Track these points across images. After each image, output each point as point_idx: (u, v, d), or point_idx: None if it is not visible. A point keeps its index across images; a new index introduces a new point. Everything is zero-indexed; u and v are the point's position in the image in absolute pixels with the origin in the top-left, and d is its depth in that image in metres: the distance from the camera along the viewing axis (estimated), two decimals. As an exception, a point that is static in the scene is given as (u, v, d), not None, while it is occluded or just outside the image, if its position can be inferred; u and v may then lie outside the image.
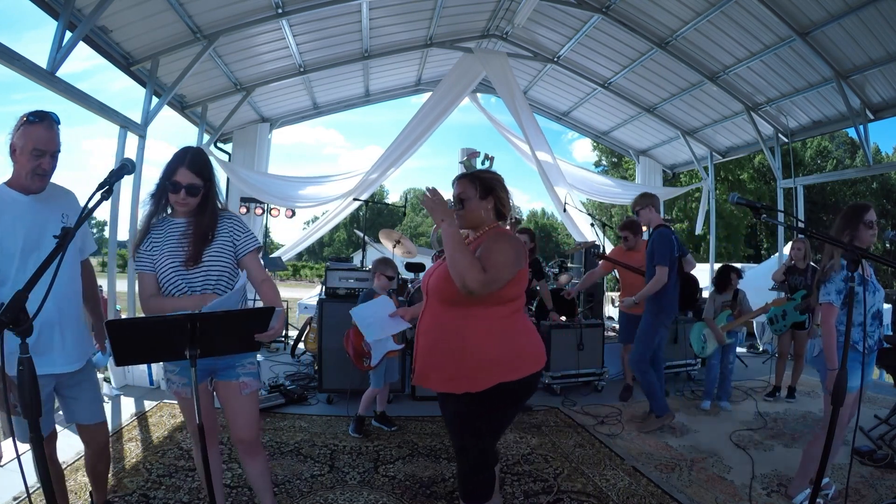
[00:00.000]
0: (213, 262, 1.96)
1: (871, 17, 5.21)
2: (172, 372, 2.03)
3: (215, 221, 2.00)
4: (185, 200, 1.93)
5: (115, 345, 1.48)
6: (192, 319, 1.51)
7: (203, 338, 1.54)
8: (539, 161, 7.50)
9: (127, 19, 4.93)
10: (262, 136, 8.63)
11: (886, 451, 3.36)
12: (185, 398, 2.01)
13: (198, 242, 1.93)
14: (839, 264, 2.52)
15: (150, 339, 1.57)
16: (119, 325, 1.54)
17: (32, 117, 1.82)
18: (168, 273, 1.92)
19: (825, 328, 2.53)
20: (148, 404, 4.13)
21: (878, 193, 28.13)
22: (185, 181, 1.92)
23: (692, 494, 2.84)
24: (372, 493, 2.77)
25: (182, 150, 1.99)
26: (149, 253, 1.95)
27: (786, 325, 4.74)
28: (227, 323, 1.67)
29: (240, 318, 1.75)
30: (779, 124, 7.75)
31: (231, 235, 2.03)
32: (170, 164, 1.94)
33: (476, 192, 2.00)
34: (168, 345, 1.58)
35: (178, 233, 1.97)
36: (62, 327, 1.90)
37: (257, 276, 2.05)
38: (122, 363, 1.56)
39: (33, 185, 1.85)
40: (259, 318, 1.71)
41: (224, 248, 2.00)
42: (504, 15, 7.35)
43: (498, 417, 1.95)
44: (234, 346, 1.83)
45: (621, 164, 26.11)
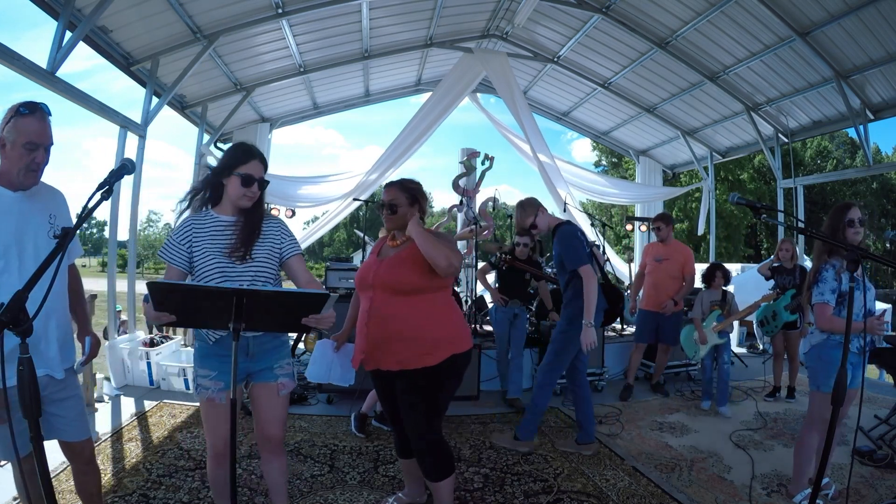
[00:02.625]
0: (260, 260, 1.92)
1: (871, 17, 5.21)
2: (206, 377, 1.95)
3: (262, 220, 1.98)
4: (255, 193, 1.92)
5: (151, 297, 1.48)
6: (240, 295, 1.48)
7: (249, 314, 1.51)
8: (540, 161, 7.50)
9: (127, 19, 4.93)
10: (262, 136, 8.63)
11: (886, 451, 3.36)
12: (216, 405, 1.93)
13: (248, 239, 1.90)
14: (830, 264, 2.52)
15: (192, 303, 1.56)
16: (159, 288, 1.51)
17: (23, 109, 1.72)
18: (210, 268, 1.86)
19: (824, 325, 2.50)
20: (148, 404, 4.13)
21: (878, 193, 28.18)
22: (258, 174, 1.91)
23: (692, 494, 2.84)
24: (372, 493, 2.77)
25: (246, 145, 1.98)
26: (183, 247, 1.89)
27: (777, 326, 4.74)
28: (275, 303, 1.62)
29: (290, 300, 1.68)
30: (779, 124, 7.75)
31: (279, 237, 2.00)
32: (237, 157, 1.91)
33: (406, 200, 2.29)
34: (211, 312, 1.56)
35: (225, 228, 1.92)
36: (47, 331, 1.81)
37: (304, 277, 2.03)
38: (160, 309, 1.55)
39: (26, 181, 1.75)
40: (311, 302, 1.63)
41: (272, 248, 1.97)
42: (504, 15, 7.36)
43: (451, 389, 2.27)
44: (278, 326, 1.78)
45: (621, 164, 26.13)
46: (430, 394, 2.18)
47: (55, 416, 1.87)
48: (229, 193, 1.92)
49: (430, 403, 2.19)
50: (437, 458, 2.21)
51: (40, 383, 1.75)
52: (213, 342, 1.94)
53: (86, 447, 1.99)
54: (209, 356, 1.97)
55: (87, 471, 2.01)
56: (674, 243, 5.06)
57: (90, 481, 2.03)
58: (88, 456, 2.01)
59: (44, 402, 1.75)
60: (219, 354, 1.94)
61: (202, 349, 1.99)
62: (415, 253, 2.16)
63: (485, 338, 5.41)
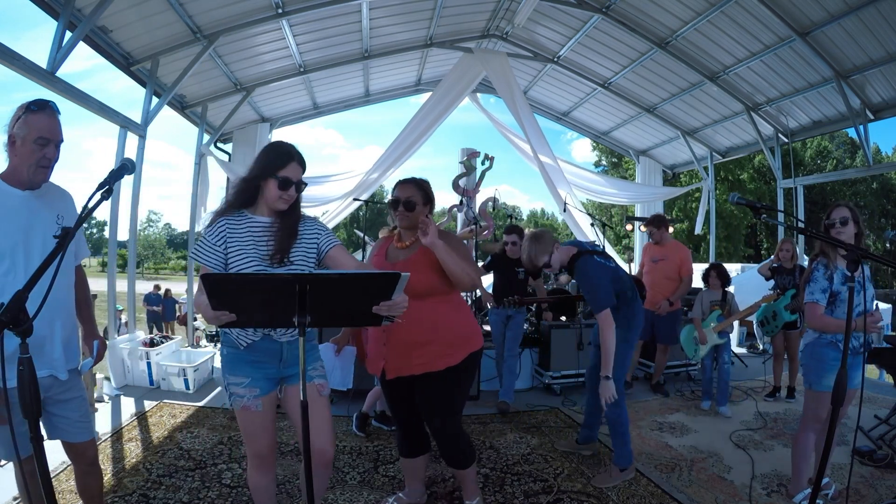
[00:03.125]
0: (297, 263, 1.84)
1: (871, 17, 5.21)
2: (240, 385, 1.85)
3: (299, 222, 1.91)
4: (292, 197, 1.85)
5: (209, 293, 1.36)
6: (302, 281, 1.33)
7: (315, 305, 1.37)
8: (540, 161, 7.50)
9: (127, 19, 4.93)
10: (262, 136, 8.63)
11: (886, 451, 3.36)
12: (253, 413, 1.85)
13: (286, 240, 1.83)
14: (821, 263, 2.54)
15: (250, 297, 1.40)
16: (214, 280, 1.37)
17: (34, 106, 1.74)
18: (246, 271, 1.79)
19: (815, 324, 2.54)
20: (148, 404, 4.13)
21: (878, 193, 28.17)
22: (296, 177, 1.84)
23: (692, 494, 2.84)
24: (372, 493, 2.77)
25: (284, 146, 1.88)
26: (219, 247, 1.80)
27: (777, 326, 4.74)
28: (343, 288, 1.44)
29: (359, 283, 1.48)
30: (779, 124, 7.76)
31: (316, 236, 1.93)
32: (275, 160, 1.83)
33: (421, 198, 2.27)
34: (272, 306, 1.41)
35: (261, 230, 1.85)
36: (52, 332, 1.80)
37: (351, 263, 1.93)
38: (218, 308, 1.41)
39: (37, 177, 1.75)
40: (382, 284, 1.44)
41: (309, 248, 1.90)
42: (504, 15, 7.36)
43: (468, 384, 2.37)
44: (347, 319, 1.62)
45: (621, 164, 26.13)
46: (453, 392, 2.28)
47: (59, 417, 1.87)
48: (265, 196, 1.84)
49: (454, 401, 2.29)
50: (463, 449, 2.35)
51: (44, 384, 1.77)
52: (243, 347, 1.85)
53: (89, 448, 1.98)
54: (241, 363, 1.87)
55: (90, 472, 2.00)
56: (671, 244, 5.08)
57: (92, 482, 2.02)
58: (92, 457, 2.00)
59: (47, 402, 1.80)
60: (251, 360, 1.86)
61: (232, 356, 1.88)
62: (428, 255, 2.15)
63: (486, 338, 5.41)
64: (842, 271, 2.50)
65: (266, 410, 1.88)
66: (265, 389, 1.87)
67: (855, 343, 2.50)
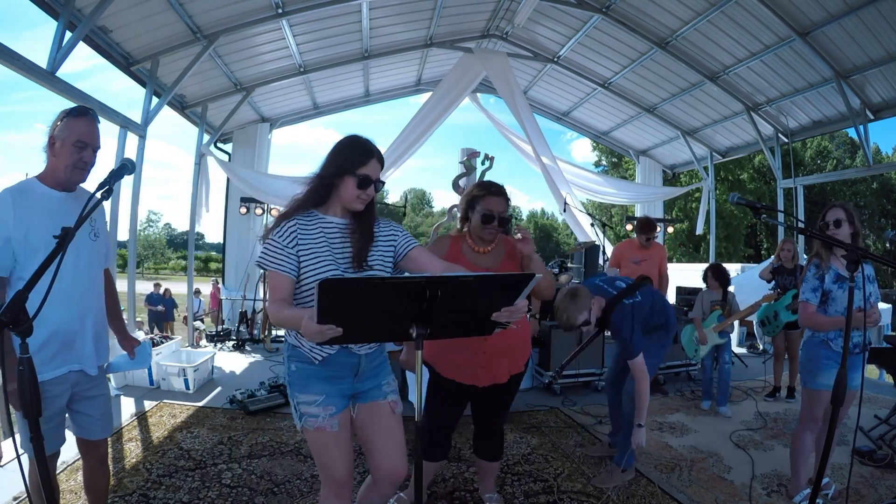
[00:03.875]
0: (376, 268, 1.70)
1: (871, 17, 5.21)
2: (312, 404, 1.67)
3: (375, 223, 1.78)
4: (370, 196, 1.71)
5: (320, 303, 1.21)
6: (433, 285, 1.20)
7: (438, 314, 1.25)
8: (541, 161, 7.50)
9: (127, 19, 4.94)
10: (262, 136, 8.64)
11: (886, 451, 3.36)
12: (328, 434, 1.68)
13: (364, 243, 1.69)
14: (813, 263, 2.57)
15: (366, 306, 1.26)
16: (332, 286, 1.20)
17: (74, 112, 1.81)
18: (323, 275, 1.63)
19: (807, 323, 2.58)
20: (148, 404, 4.13)
21: (878, 193, 28.15)
22: (376, 175, 1.70)
23: (692, 494, 2.84)
24: (372, 493, 2.77)
25: (363, 141, 1.73)
26: (291, 251, 1.63)
27: (778, 326, 4.74)
28: (476, 291, 1.31)
29: (494, 284, 1.36)
30: (779, 124, 7.76)
31: (393, 238, 1.79)
32: (355, 157, 1.68)
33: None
34: (388, 316, 1.28)
35: (335, 231, 1.70)
36: (84, 329, 1.84)
37: (438, 265, 1.76)
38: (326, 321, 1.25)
39: (73, 178, 1.80)
40: (513, 285, 1.33)
41: (386, 251, 1.76)
42: (504, 15, 7.36)
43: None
44: (465, 328, 1.46)
45: (621, 164, 26.11)
46: (515, 391, 2.42)
47: (82, 415, 1.90)
48: (341, 195, 1.69)
49: (507, 403, 2.45)
50: (502, 443, 2.54)
51: (73, 379, 1.82)
52: (318, 362, 1.68)
53: (102, 445, 2.01)
54: (314, 379, 1.69)
55: (98, 468, 2.03)
56: (654, 245, 5.14)
57: (100, 479, 2.04)
58: (102, 454, 2.03)
59: (74, 398, 1.85)
60: (326, 376, 1.69)
61: (304, 372, 1.70)
62: (514, 262, 2.22)
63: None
64: (835, 271, 2.50)
65: (342, 430, 1.71)
66: (340, 407, 1.71)
67: (851, 343, 2.50)
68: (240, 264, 8.21)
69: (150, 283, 14.21)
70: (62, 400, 1.80)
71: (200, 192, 7.21)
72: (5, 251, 1.68)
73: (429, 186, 75.18)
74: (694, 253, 25.51)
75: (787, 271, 4.81)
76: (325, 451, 1.71)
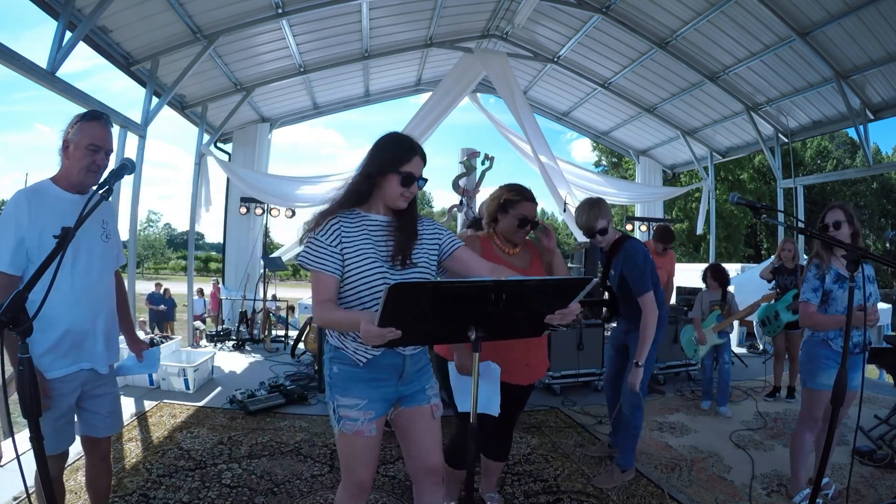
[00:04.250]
0: (421, 266, 1.68)
1: (871, 17, 5.21)
2: (353, 407, 1.63)
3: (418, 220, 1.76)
4: (413, 193, 1.68)
5: (386, 306, 1.21)
6: (499, 288, 1.21)
7: (499, 316, 1.27)
8: (540, 161, 7.50)
9: (127, 19, 4.94)
10: (262, 136, 8.64)
11: (886, 451, 3.36)
12: (364, 438, 1.64)
13: (408, 240, 1.67)
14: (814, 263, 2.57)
15: (435, 311, 1.26)
16: (402, 290, 1.20)
17: (87, 116, 1.85)
18: (372, 276, 1.59)
19: (807, 323, 2.59)
20: (148, 404, 4.13)
21: (878, 193, 28.16)
22: (419, 173, 1.67)
23: (692, 494, 2.84)
24: (372, 493, 2.77)
25: (406, 138, 1.71)
26: (335, 250, 1.60)
27: (779, 326, 4.74)
28: (537, 294, 1.34)
29: (554, 288, 1.38)
30: (779, 124, 7.76)
31: (437, 236, 1.77)
32: (399, 154, 1.65)
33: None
34: (449, 318, 1.28)
35: (378, 229, 1.67)
36: (95, 328, 1.87)
37: (482, 266, 1.74)
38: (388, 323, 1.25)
39: (86, 181, 1.83)
40: (570, 288, 1.35)
41: (431, 249, 1.74)
42: (504, 15, 7.36)
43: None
44: (521, 330, 1.47)
45: (621, 164, 26.11)
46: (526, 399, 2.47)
47: (90, 412, 1.92)
48: (384, 192, 1.66)
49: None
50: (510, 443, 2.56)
51: (83, 377, 1.84)
52: (363, 364, 1.64)
53: (105, 442, 2.03)
54: (357, 382, 1.65)
55: (100, 466, 2.04)
56: (668, 253, 5.23)
57: (102, 477, 2.05)
58: (105, 451, 2.04)
59: (83, 396, 1.87)
60: (369, 379, 1.65)
61: (347, 374, 1.66)
62: (538, 260, 2.32)
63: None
64: (835, 271, 2.51)
65: (377, 436, 1.67)
66: (380, 412, 1.68)
67: (851, 342, 2.50)
68: (240, 264, 8.22)
69: (149, 283, 14.20)
70: (72, 398, 1.82)
71: (200, 192, 7.21)
72: (19, 251, 1.71)
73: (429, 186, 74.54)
74: (694, 253, 25.52)
75: (788, 271, 4.82)
76: (356, 455, 1.67)
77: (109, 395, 1.97)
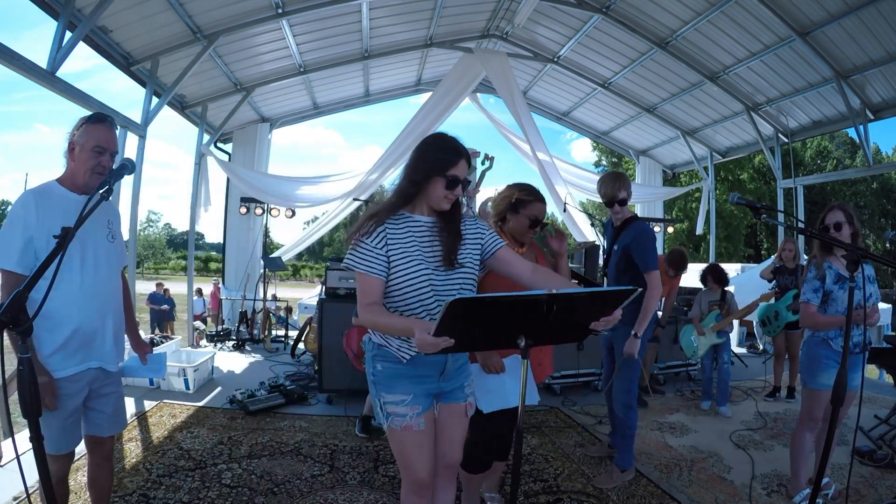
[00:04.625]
0: (466, 267, 1.70)
1: (871, 17, 5.21)
2: (400, 403, 1.67)
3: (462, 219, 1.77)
4: (457, 196, 1.69)
5: (444, 319, 1.24)
6: (550, 301, 1.25)
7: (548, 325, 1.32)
8: (540, 161, 7.51)
9: (127, 19, 4.94)
10: (262, 136, 8.64)
11: (886, 451, 3.36)
12: (415, 433, 1.67)
13: (453, 242, 1.68)
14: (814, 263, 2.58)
15: (488, 321, 1.31)
16: (463, 305, 1.24)
17: (93, 118, 1.87)
18: (420, 279, 1.61)
19: (807, 323, 2.59)
20: (148, 404, 4.13)
21: (878, 193, 28.14)
22: (463, 175, 1.68)
23: (692, 494, 2.84)
24: (372, 493, 2.77)
25: (450, 139, 1.71)
26: (382, 253, 1.61)
27: (779, 326, 4.74)
28: (586, 304, 1.40)
29: (601, 298, 1.44)
30: (779, 124, 7.76)
31: (479, 236, 1.77)
32: (447, 158, 1.65)
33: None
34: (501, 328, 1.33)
35: (423, 230, 1.68)
36: (104, 327, 1.89)
37: (524, 267, 1.75)
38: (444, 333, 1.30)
39: (92, 182, 1.84)
40: (616, 298, 1.40)
41: (474, 249, 1.75)
42: (504, 15, 7.36)
43: None
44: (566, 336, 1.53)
45: (621, 164, 26.08)
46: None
47: (95, 412, 1.93)
48: (429, 195, 1.67)
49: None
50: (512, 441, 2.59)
51: (91, 376, 1.85)
52: (406, 361, 1.67)
53: (108, 442, 2.03)
54: (401, 378, 1.68)
55: (102, 465, 2.04)
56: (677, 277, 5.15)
57: (104, 476, 2.06)
58: (108, 450, 2.05)
59: (89, 395, 1.88)
60: (413, 375, 1.69)
61: (391, 371, 1.69)
62: (542, 259, 2.36)
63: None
64: (836, 271, 2.51)
65: (427, 429, 1.71)
66: (426, 406, 1.71)
67: (851, 342, 2.50)
68: (240, 264, 8.22)
69: (149, 283, 14.18)
70: (79, 398, 1.83)
71: (200, 192, 7.21)
72: (27, 251, 1.72)
73: (429, 186, 74.71)
74: (694, 253, 25.50)
75: (789, 271, 4.82)
76: (410, 451, 1.70)
77: (115, 394, 1.99)
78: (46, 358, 1.73)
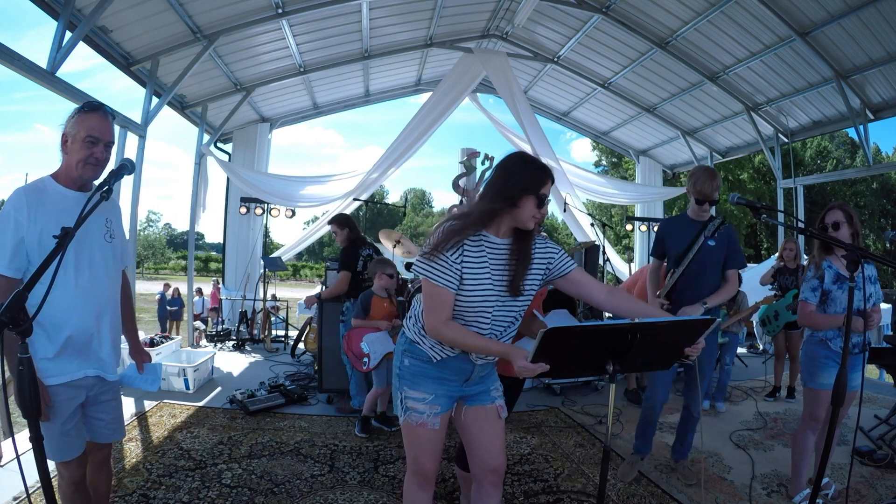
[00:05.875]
0: (528, 294, 1.72)
1: (871, 17, 5.21)
2: (420, 401, 1.73)
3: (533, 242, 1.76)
4: (545, 214, 1.69)
5: (541, 346, 1.36)
6: (634, 331, 1.38)
7: (632, 352, 1.41)
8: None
9: (127, 19, 4.94)
10: (262, 136, 8.64)
11: (886, 451, 3.36)
12: (429, 430, 1.73)
13: (522, 268, 1.68)
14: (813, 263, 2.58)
15: (579, 348, 1.43)
16: (557, 334, 1.35)
17: (86, 107, 1.79)
18: (484, 304, 1.64)
19: (806, 322, 2.60)
20: (148, 404, 4.13)
21: (878, 193, 28.11)
22: (548, 192, 1.69)
23: (692, 494, 2.84)
24: (372, 493, 2.77)
25: (538, 159, 1.72)
26: (458, 269, 1.62)
27: (778, 325, 4.75)
28: (667, 335, 1.49)
29: (679, 330, 1.53)
30: (779, 124, 7.76)
31: (548, 259, 1.76)
32: (539, 176, 1.64)
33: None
34: (590, 354, 1.44)
35: (497, 252, 1.68)
36: (101, 331, 1.81)
37: (599, 289, 1.77)
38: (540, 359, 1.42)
39: (85, 174, 1.75)
40: (696, 328, 1.51)
41: (539, 271, 1.74)
42: (504, 15, 7.36)
43: None
44: (655, 363, 1.60)
45: (621, 164, 26.09)
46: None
47: (94, 419, 1.86)
48: (516, 214, 1.64)
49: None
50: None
51: (89, 384, 1.78)
52: (436, 361, 1.72)
53: (107, 447, 1.99)
54: (425, 377, 1.73)
55: (102, 468, 2.01)
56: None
57: (102, 479, 2.03)
58: (107, 454, 2.01)
59: (88, 403, 1.81)
60: (437, 376, 1.73)
61: (417, 369, 1.74)
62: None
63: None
64: (835, 271, 2.50)
65: (441, 429, 1.77)
66: (445, 407, 1.76)
67: (850, 342, 2.50)
68: (240, 264, 8.22)
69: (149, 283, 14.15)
70: (75, 402, 1.75)
71: (199, 192, 7.21)
72: (19, 252, 1.64)
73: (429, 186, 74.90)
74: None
75: (789, 271, 4.82)
76: (421, 447, 1.77)
77: (113, 401, 1.92)
78: (39, 363, 1.62)
